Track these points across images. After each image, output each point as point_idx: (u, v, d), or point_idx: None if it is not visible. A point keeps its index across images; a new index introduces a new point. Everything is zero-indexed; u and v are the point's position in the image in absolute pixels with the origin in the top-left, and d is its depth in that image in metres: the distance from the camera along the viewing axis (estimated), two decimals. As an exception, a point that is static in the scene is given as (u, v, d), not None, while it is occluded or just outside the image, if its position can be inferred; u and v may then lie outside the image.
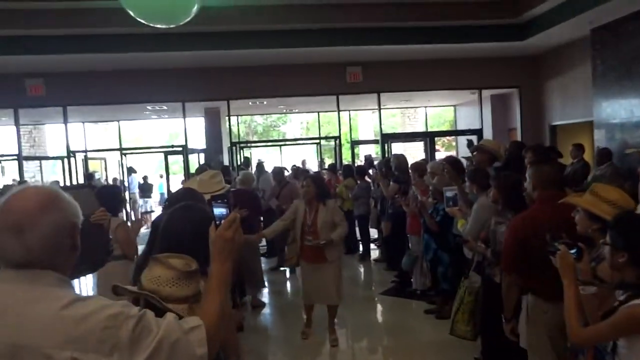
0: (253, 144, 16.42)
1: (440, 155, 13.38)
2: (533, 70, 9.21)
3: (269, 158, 15.76)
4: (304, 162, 12.45)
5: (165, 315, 1.16)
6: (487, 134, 10.04)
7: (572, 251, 1.90)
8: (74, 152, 9.54)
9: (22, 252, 1.10)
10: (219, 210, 1.37)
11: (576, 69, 8.14)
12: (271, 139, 22.21)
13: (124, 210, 6.76)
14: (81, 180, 9.66)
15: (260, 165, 8.74)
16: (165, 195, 12.72)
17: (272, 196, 7.25)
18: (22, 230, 1.10)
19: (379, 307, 5.56)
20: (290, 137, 22.45)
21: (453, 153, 14.27)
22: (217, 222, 1.34)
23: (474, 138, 9.35)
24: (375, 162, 8.55)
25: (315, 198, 4.21)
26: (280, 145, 15.42)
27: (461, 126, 12.91)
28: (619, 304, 1.68)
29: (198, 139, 12.26)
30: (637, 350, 1.67)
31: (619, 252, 1.72)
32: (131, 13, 3.91)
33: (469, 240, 3.52)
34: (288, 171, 9.30)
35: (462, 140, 12.62)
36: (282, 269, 7.14)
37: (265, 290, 6.14)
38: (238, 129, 12.43)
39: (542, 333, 2.53)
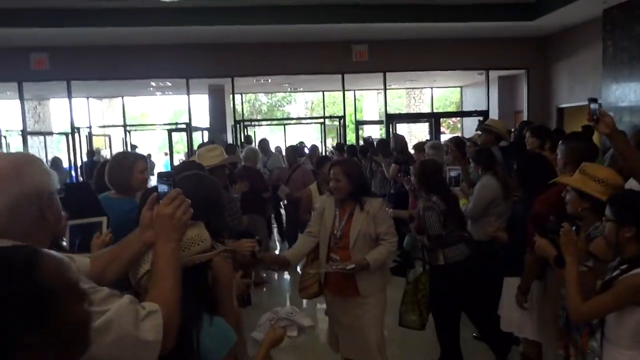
0: (257, 123, 16.36)
1: (445, 137, 13.31)
2: (541, 52, 9.08)
3: (273, 137, 15.73)
4: (301, 144, 12.10)
5: (123, 296, 1.10)
6: (494, 115, 9.94)
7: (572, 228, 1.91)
8: (77, 128, 9.54)
9: None
10: (162, 188, 1.28)
11: (586, 51, 8.01)
12: (275, 117, 22.12)
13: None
14: (84, 157, 9.68)
15: (263, 142, 8.25)
16: (170, 173, 12.71)
17: (279, 181, 6.22)
18: None
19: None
20: (294, 117, 22.37)
21: (458, 135, 14.20)
22: (160, 200, 1.25)
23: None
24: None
25: (349, 196, 2.85)
26: (285, 125, 15.37)
27: (467, 108, 12.81)
28: (620, 273, 1.70)
29: (202, 117, 12.24)
30: (625, 322, 1.70)
31: (625, 227, 1.73)
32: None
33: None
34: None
35: (468, 122, 12.55)
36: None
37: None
38: (242, 108, 12.40)
39: (558, 306, 2.53)
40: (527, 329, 2.76)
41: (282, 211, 7.21)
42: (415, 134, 16.51)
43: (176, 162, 13.31)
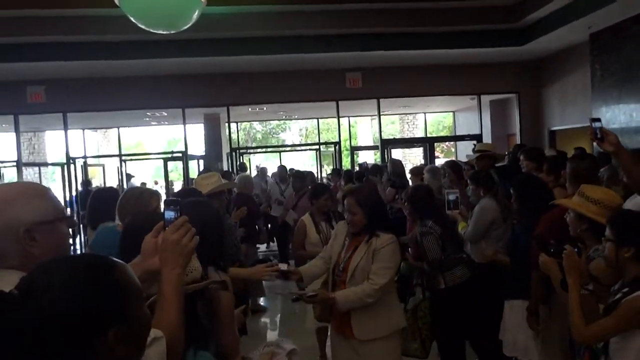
0: (252, 150, 16.42)
1: (440, 161, 13.39)
2: (532, 76, 9.25)
3: (268, 165, 15.77)
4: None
5: None
6: (487, 139, 10.04)
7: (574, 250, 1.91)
8: (73, 159, 9.53)
9: None
10: (168, 214, 1.30)
11: (575, 74, 8.17)
12: (271, 144, 22.21)
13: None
14: (80, 187, 9.65)
15: (281, 169, 8.14)
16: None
17: (289, 207, 6.35)
18: None
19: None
20: (289, 144, 22.49)
21: (453, 158, 14.28)
22: (167, 227, 1.28)
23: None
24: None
25: (364, 230, 2.58)
26: (280, 152, 15.43)
27: (460, 132, 12.94)
28: (623, 296, 1.69)
29: (197, 145, 12.29)
30: (629, 346, 1.68)
31: (624, 247, 1.73)
32: (131, 18, 3.93)
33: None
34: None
35: (461, 146, 12.66)
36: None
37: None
38: (238, 136, 12.45)
39: (564, 328, 2.50)
40: (532, 353, 2.73)
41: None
42: (409, 158, 16.62)
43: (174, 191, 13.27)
